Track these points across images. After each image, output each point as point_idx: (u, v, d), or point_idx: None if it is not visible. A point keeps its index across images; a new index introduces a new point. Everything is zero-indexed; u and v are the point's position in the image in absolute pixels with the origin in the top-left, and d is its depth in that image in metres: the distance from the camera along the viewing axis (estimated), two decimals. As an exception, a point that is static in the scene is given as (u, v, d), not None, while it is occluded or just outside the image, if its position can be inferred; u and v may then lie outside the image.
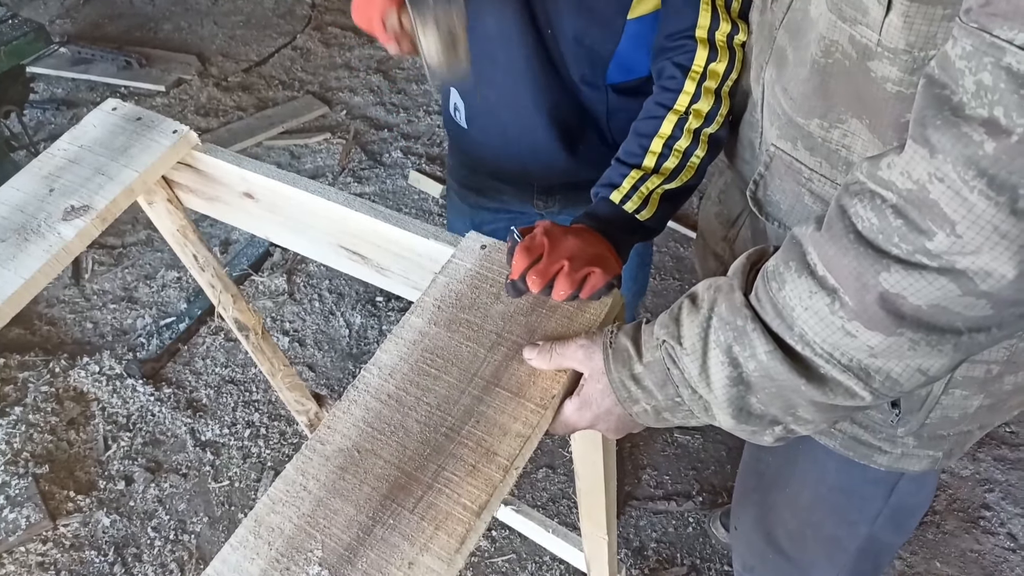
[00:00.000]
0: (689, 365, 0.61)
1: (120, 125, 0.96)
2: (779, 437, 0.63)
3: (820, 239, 0.55)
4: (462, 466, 0.62)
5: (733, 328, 0.59)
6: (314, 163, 2.80)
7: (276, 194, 0.91)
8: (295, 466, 0.64)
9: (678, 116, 0.92)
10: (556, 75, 1.12)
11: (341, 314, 2.32)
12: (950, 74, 0.48)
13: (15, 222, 0.87)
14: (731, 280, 0.61)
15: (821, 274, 0.54)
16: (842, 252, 0.53)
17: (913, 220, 0.49)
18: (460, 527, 0.59)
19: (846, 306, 0.53)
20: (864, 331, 0.53)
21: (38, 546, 1.86)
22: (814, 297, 0.54)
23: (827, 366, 0.56)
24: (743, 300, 0.59)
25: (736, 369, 0.59)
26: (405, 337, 0.72)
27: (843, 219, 0.53)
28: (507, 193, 1.31)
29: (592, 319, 0.72)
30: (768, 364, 0.57)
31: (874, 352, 0.54)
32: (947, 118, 0.47)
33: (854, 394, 0.56)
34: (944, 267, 0.49)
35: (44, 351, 2.24)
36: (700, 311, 0.61)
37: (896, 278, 0.50)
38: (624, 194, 0.91)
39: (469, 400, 0.67)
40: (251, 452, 2.02)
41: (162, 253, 2.49)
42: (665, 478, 1.93)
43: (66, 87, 3.12)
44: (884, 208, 0.51)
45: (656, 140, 0.93)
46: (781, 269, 0.57)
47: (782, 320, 0.57)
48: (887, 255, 0.51)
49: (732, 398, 0.60)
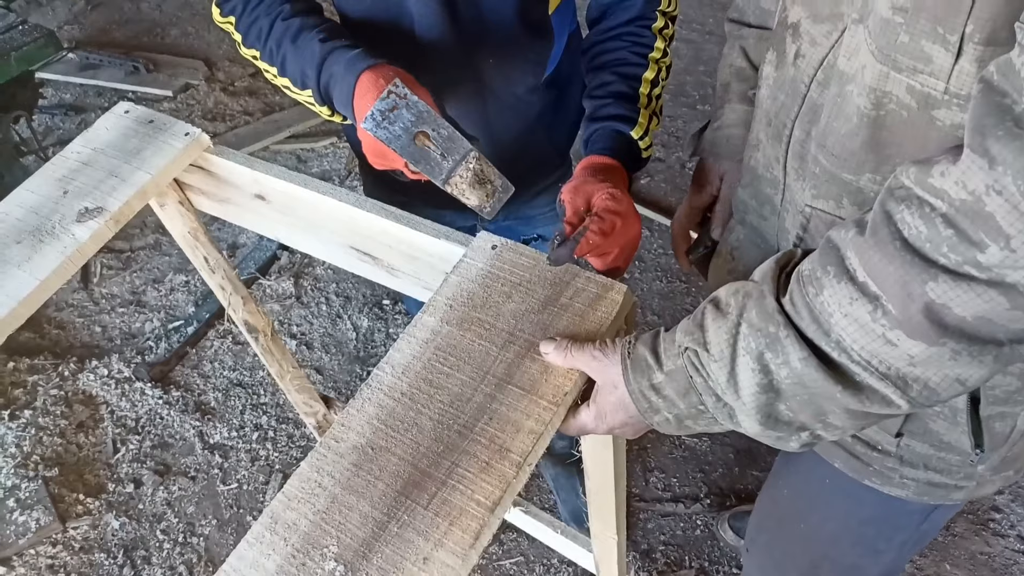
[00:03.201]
0: (716, 372, 0.60)
1: (132, 128, 0.97)
2: (804, 443, 0.62)
3: (863, 244, 0.54)
4: (475, 463, 0.63)
5: (765, 335, 0.57)
6: (321, 167, 2.81)
7: (288, 195, 0.92)
8: (310, 463, 0.64)
9: (656, 64, 1.02)
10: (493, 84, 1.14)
11: (348, 317, 2.33)
12: (1013, 82, 0.46)
13: (30, 224, 0.88)
14: (761, 286, 0.60)
15: (862, 280, 0.53)
16: (887, 259, 0.52)
17: (964, 231, 0.48)
18: (474, 523, 0.59)
19: (889, 314, 0.52)
20: (906, 340, 0.52)
21: (48, 548, 1.86)
22: (855, 304, 0.54)
23: (864, 373, 0.55)
24: (775, 306, 0.58)
25: (767, 376, 0.58)
26: (418, 336, 0.73)
27: (889, 225, 0.52)
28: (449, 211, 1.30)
29: (604, 316, 0.72)
30: (802, 371, 0.56)
31: (914, 361, 0.53)
32: (1009, 129, 0.46)
33: (890, 402, 0.56)
34: (994, 280, 0.48)
35: (53, 355, 2.25)
36: (728, 317, 0.60)
37: (943, 288, 0.50)
38: (643, 130, 0.98)
39: (482, 397, 0.67)
40: (259, 455, 2.03)
41: (170, 257, 2.51)
42: (673, 480, 1.93)
43: (74, 92, 3.14)
44: (934, 217, 0.50)
45: (644, 84, 1.00)
46: (819, 274, 0.56)
47: (819, 326, 0.56)
48: (935, 264, 0.50)
49: (761, 405, 0.59)
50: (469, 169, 0.73)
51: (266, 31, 0.96)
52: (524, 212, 1.32)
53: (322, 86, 0.92)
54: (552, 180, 1.31)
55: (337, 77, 0.89)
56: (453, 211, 1.27)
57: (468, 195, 0.73)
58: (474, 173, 0.73)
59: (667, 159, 2.71)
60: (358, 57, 0.88)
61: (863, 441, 0.83)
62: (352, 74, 0.86)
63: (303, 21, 0.95)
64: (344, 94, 0.88)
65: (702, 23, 3.20)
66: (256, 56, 1.00)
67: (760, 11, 0.93)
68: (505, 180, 0.75)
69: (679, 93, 2.93)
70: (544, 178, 1.29)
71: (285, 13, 0.96)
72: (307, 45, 0.93)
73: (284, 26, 0.95)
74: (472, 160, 0.73)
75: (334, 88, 0.90)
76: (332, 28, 0.95)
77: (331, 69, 0.90)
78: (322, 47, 0.91)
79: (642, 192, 2.61)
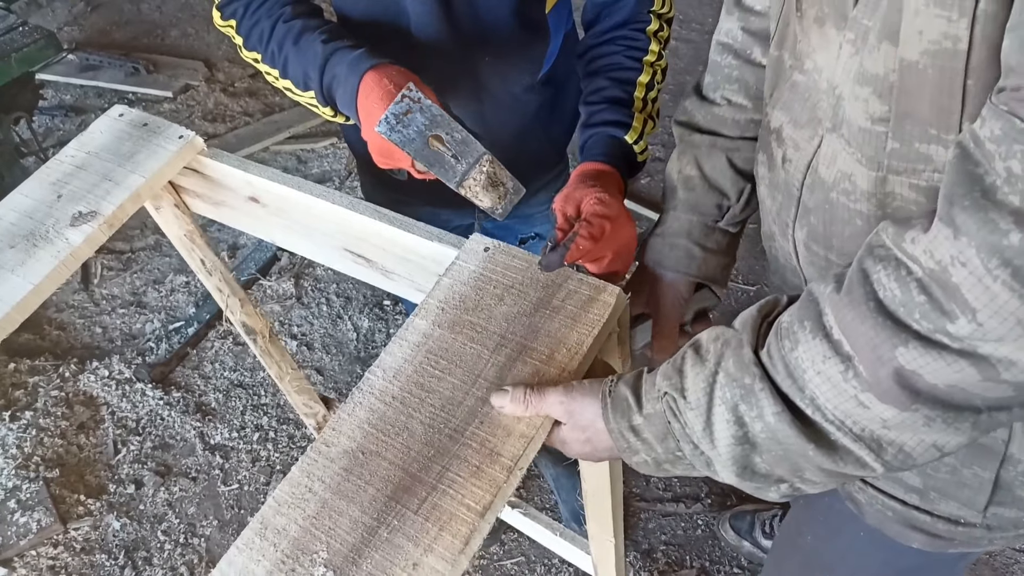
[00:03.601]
0: (692, 420, 0.59)
1: (127, 131, 0.97)
2: (785, 495, 0.61)
3: (839, 302, 0.53)
4: (466, 467, 0.63)
5: (740, 386, 0.56)
6: (321, 168, 2.81)
7: (281, 198, 0.91)
8: (300, 468, 0.64)
9: (651, 67, 1.01)
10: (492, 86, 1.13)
11: (349, 318, 2.33)
12: (984, 152, 0.46)
13: (24, 228, 0.88)
14: (740, 335, 0.59)
15: (837, 338, 0.52)
16: (860, 319, 0.51)
17: (937, 299, 0.47)
18: (464, 528, 0.59)
19: (860, 376, 0.51)
20: (877, 403, 0.51)
21: (49, 549, 1.87)
22: (828, 362, 0.52)
23: (838, 433, 0.54)
24: (752, 357, 0.57)
25: (742, 428, 0.56)
26: (409, 339, 0.73)
27: (865, 285, 0.51)
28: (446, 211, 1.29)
29: (596, 318, 0.72)
30: (775, 427, 0.55)
31: (887, 424, 0.52)
32: (976, 200, 0.45)
33: (865, 465, 0.54)
34: (965, 350, 0.47)
35: (54, 356, 2.25)
36: (706, 365, 0.59)
37: (914, 355, 0.48)
38: (638, 135, 0.98)
39: (473, 401, 0.67)
40: (260, 455, 2.03)
41: (170, 258, 2.51)
42: (674, 480, 1.92)
43: (74, 93, 3.14)
44: (909, 281, 0.49)
45: (639, 87, 1.00)
46: (795, 328, 0.55)
47: (793, 381, 0.54)
48: (907, 329, 0.49)
49: (737, 457, 0.57)
50: (483, 172, 0.74)
51: (267, 34, 0.96)
52: (522, 211, 1.32)
53: (325, 87, 0.92)
54: (550, 178, 1.31)
55: (340, 78, 0.89)
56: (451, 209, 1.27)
57: (481, 197, 0.74)
58: (487, 176, 0.74)
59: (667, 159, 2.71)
60: (361, 57, 0.88)
61: (943, 518, 0.78)
62: (355, 75, 0.86)
63: (304, 23, 0.95)
64: (348, 95, 0.88)
65: (701, 23, 3.19)
66: (258, 59, 1.00)
67: (711, 116, 0.89)
68: (516, 182, 0.75)
69: (679, 93, 2.93)
70: (542, 176, 1.29)
71: (286, 15, 0.96)
72: (309, 46, 0.92)
73: (285, 28, 0.95)
74: (485, 163, 0.73)
75: (337, 89, 0.90)
76: (334, 29, 0.95)
77: (334, 70, 0.90)
78: (324, 48, 0.91)
79: (643, 192, 2.60)
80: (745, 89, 0.87)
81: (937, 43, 0.51)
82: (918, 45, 0.52)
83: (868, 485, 0.81)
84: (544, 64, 1.14)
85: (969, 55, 0.50)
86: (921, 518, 0.78)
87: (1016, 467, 0.70)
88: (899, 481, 0.78)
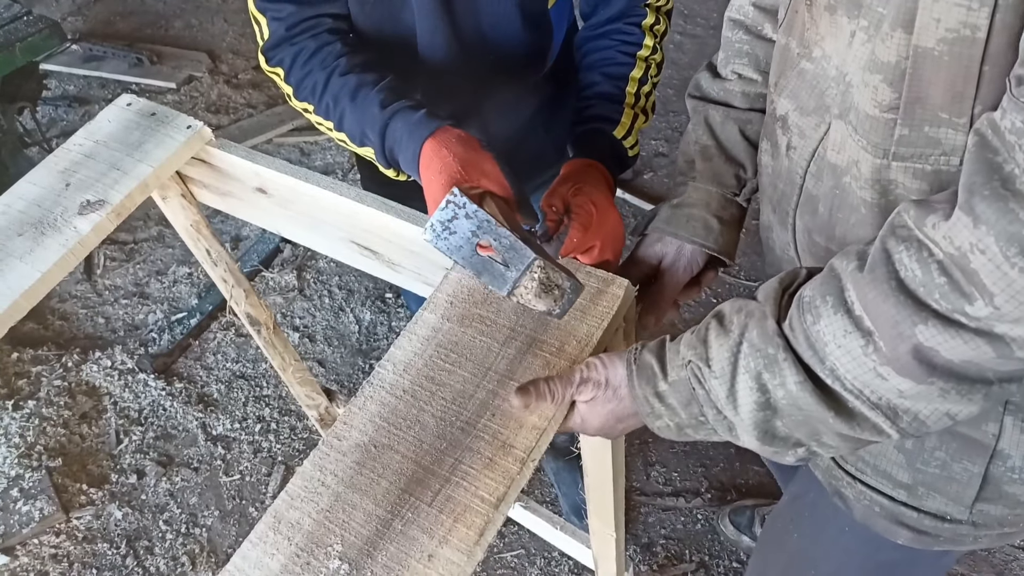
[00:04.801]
0: (717, 388, 0.61)
1: (135, 120, 0.96)
2: (801, 458, 0.63)
3: (861, 280, 0.55)
4: (479, 459, 0.63)
5: (764, 356, 0.58)
6: (324, 160, 2.80)
7: (289, 189, 0.91)
8: (313, 462, 0.64)
9: (644, 62, 1.00)
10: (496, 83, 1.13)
11: (351, 310, 2.33)
12: (1004, 142, 0.47)
13: (32, 216, 0.88)
14: (763, 306, 0.61)
15: (858, 314, 0.54)
16: (882, 297, 0.53)
17: (957, 281, 0.49)
18: (479, 519, 0.59)
19: (880, 350, 0.53)
20: (895, 376, 0.53)
21: (51, 538, 1.87)
22: (848, 336, 0.55)
23: (856, 402, 0.56)
24: (775, 328, 0.59)
25: (764, 395, 0.59)
26: (419, 333, 0.73)
27: (887, 264, 0.53)
28: None
29: (605, 311, 0.72)
30: (797, 394, 0.57)
31: (904, 395, 0.54)
32: (995, 189, 0.47)
33: (881, 431, 0.57)
34: (982, 330, 0.49)
35: (57, 346, 2.25)
36: (730, 335, 0.61)
37: (932, 332, 0.51)
38: (626, 130, 0.97)
39: (484, 394, 0.67)
40: (262, 447, 2.03)
41: (173, 249, 2.50)
42: (674, 475, 1.93)
43: (78, 84, 3.13)
44: (930, 262, 0.51)
45: (631, 83, 1.00)
46: (817, 303, 0.57)
47: (814, 353, 0.57)
48: (926, 308, 0.51)
49: (758, 422, 0.60)
50: (534, 279, 0.69)
51: (321, 86, 0.93)
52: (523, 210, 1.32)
53: (387, 151, 0.89)
54: (550, 175, 1.30)
55: (402, 144, 0.86)
56: None
57: (534, 304, 0.70)
58: (539, 283, 0.69)
59: (670, 154, 2.70)
60: (420, 122, 0.85)
61: (929, 514, 0.80)
62: (416, 142, 0.84)
63: (360, 78, 0.92)
64: (410, 162, 0.86)
65: (706, 18, 3.18)
66: (309, 110, 0.97)
67: (722, 90, 0.91)
68: (575, 280, 0.71)
69: (683, 88, 2.92)
70: (542, 173, 1.29)
71: (341, 68, 0.92)
72: (367, 107, 0.89)
73: (341, 82, 0.92)
74: (536, 269, 0.69)
75: (400, 154, 0.87)
76: (390, 86, 0.91)
77: (394, 135, 0.87)
78: (382, 113, 0.87)
79: (644, 187, 2.60)
80: (755, 63, 0.88)
81: (955, 31, 0.52)
82: (935, 33, 0.53)
83: (856, 481, 0.82)
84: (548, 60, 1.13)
85: (987, 43, 0.51)
86: (908, 514, 0.80)
87: (1005, 462, 0.72)
88: (888, 477, 0.79)
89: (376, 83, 0.91)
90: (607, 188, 0.90)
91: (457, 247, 0.69)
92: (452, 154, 0.80)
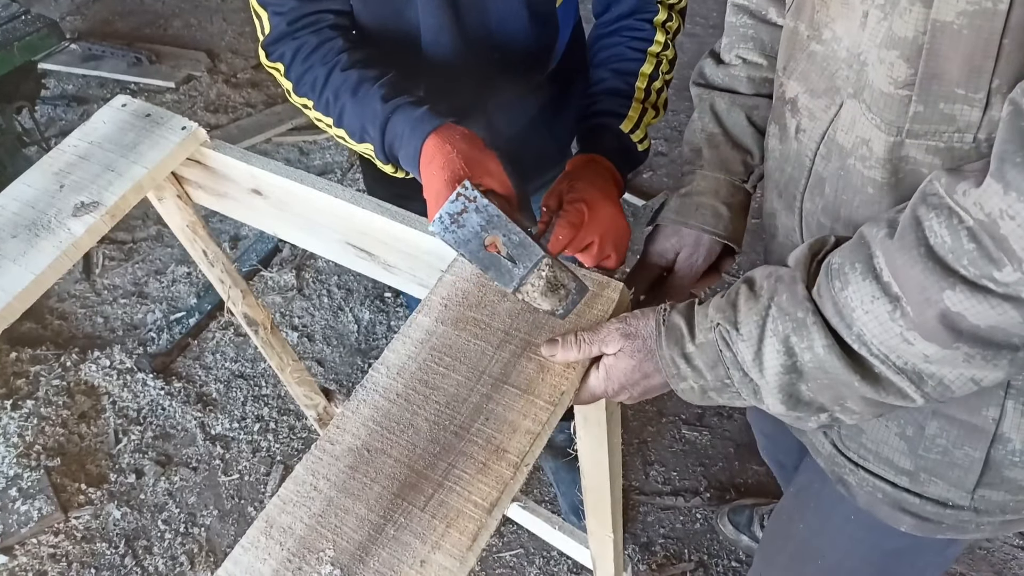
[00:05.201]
0: (744, 350, 0.62)
1: (130, 122, 0.96)
2: (822, 424, 0.64)
3: (890, 247, 0.55)
4: (472, 464, 0.62)
5: (793, 319, 0.59)
6: (323, 159, 2.80)
7: (284, 191, 0.91)
8: (305, 466, 0.64)
9: (655, 58, 1.00)
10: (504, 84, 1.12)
11: (350, 310, 2.32)
12: None
13: (26, 218, 0.88)
14: (793, 272, 0.62)
15: (886, 280, 0.55)
16: (911, 263, 0.53)
17: (986, 247, 0.50)
18: (472, 524, 0.59)
19: (907, 316, 0.54)
20: (921, 341, 0.54)
21: (50, 538, 1.87)
22: (876, 302, 0.55)
23: (882, 367, 0.57)
24: (805, 293, 0.60)
25: (791, 358, 0.60)
26: (413, 336, 0.72)
27: (916, 230, 0.54)
28: None
29: (600, 314, 0.72)
30: (824, 357, 0.58)
31: (929, 360, 0.55)
32: None
33: (906, 395, 0.57)
34: (1010, 295, 0.50)
35: (55, 345, 2.25)
36: (760, 299, 0.62)
37: (960, 297, 0.51)
38: (634, 123, 0.96)
39: (478, 398, 0.67)
40: (260, 446, 2.03)
41: (172, 248, 2.50)
42: (673, 474, 1.93)
43: (77, 83, 3.13)
44: (959, 229, 0.51)
45: (640, 78, 0.99)
46: (846, 269, 0.58)
47: (841, 318, 0.57)
48: (955, 274, 0.51)
49: (783, 385, 0.61)
50: (541, 277, 0.69)
51: (322, 82, 0.92)
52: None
53: (387, 146, 0.89)
54: (552, 176, 1.30)
55: (403, 139, 0.85)
56: None
57: (539, 302, 0.70)
58: (546, 281, 0.69)
59: (669, 153, 2.70)
60: (423, 118, 0.84)
61: (932, 500, 0.80)
62: (417, 137, 0.83)
63: (361, 74, 0.91)
64: (410, 157, 0.85)
65: (705, 17, 3.17)
66: (308, 105, 0.96)
67: (727, 77, 0.91)
68: (580, 281, 0.71)
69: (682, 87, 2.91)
70: (544, 173, 1.28)
71: (343, 63, 0.92)
72: (368, 102, 0.88)
73: (342, 77, 0.91)
74: (544, 267, 0.69)
75: (400, 150, 0.87)
76: (392, 82, 0.91)
77: (395, 130, 0.86)
78: (384, 107, 0.87)
79: (644, 186, 2.60)
80: (760, 47, 0.88)
81: (976, 3, 0.53)
82: (955, 6, 0.54)
83: (859, 467, 0.83)
84: (552, 59, 1.13)
85: (1009, 15, 0.52)
86: (911, 500, 0.80)
87: (1006, 446, 0.73)
88: (890, 463, 0.80)
89: (377, 79, 0.91)
90: (606, 183, 0.89)
91: (465, 241, 0.69)
92: (455, 150, 0.79)
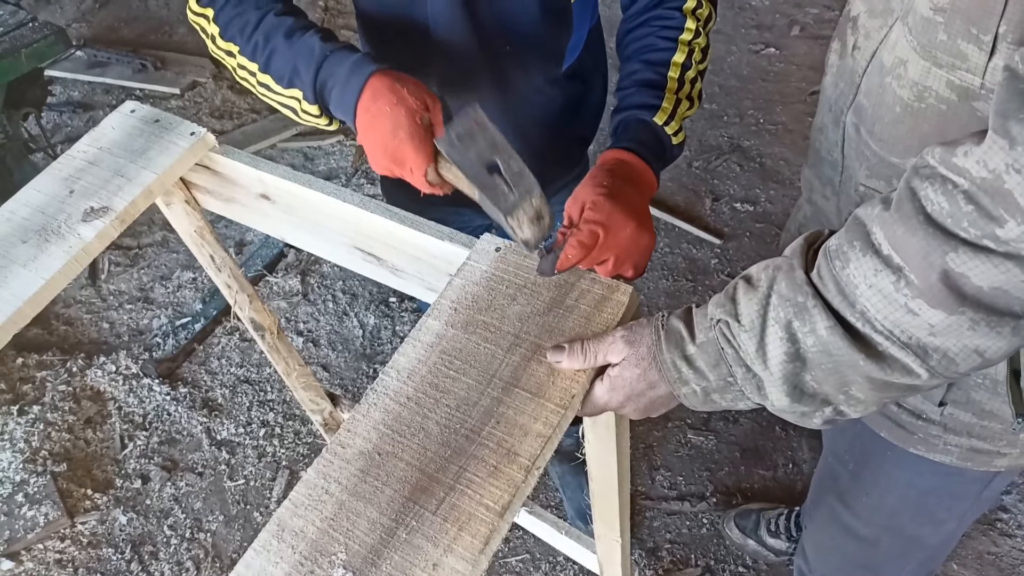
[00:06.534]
0: (746, 342, 0.62)
1: (138, 127, 0.97)
2: (827, 419, 0.64)
3: (888, 219, 0.56)
4: (483, 467, 0.62)
5: (793, 304, 0.60)
6: (327, 165, 2.81)
7: (292, 195, 0.91)
8: (316, 470, 0.64)
9: (687, 46, 0.97)
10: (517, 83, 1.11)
11: (355, 315, 2.33)
12: None
13: (36, 223, 0.88)
14: (790, 260, 0.63)
15: (887, 253, 0.56)
16: (910, 232, 0.54)
17: (985, 207, 0.51)
18: (484, 528, 0.59)
19: (911, 284, 0.54)
20: (927, 309, 0.54)
21: (56, 543, 1.88)
22: (879, 275, 0.56)
23: (886, 343, 0.57)
24: (804, 278, 0.60)
25: (794, 345, 0.60)
26: (422, 340, 0.72)
27: (913, 201, 0.55)
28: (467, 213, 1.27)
29: (610, 318, 0.72)
30: (828, 339, 0.58)
31: (934, 331, 0.55)
32: None
33: (911, 371, 0.57)
34: (1011, 252, 0.50)
35: (61, 351, 2.26)
36: (759, 289, 0.62)
37: (962, 259, 0.52)
38: (668, 115, 0.94)
39: (488, 401, 0.67)
40: (266, 451, 2.03)
41: (178, 254, 2.51)
42: (679, 479, 1.92)
43: (82, 90, 3.14)
44: (956, 193, 0.52)
45: (672, 67, 0.97)
46: (845, 248, 0.58)
47: (844, 298, 0.58)
48: (955, 237, 0.52)
49: (788, 375, 0.61)
50: (532, 206, 0.72)
51: (253, 24, 0.93)
52: None
53: (318, 85, 0.89)
54: (570, 178, 1.29)
55: (339, 78, 0.86)
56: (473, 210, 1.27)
57: (525, 229, 0.73)
58: (536, 210, 0.73)
59: (674, 156, 2.70)
60: (364, 60, 0.86)
61: (908, 410, 0.86)
62: (359, 76, 0.84)
63: (296, 21, 0.93)
64: (347, 96, 0.86)
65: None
66: (234, 51, 0.96)
67: None
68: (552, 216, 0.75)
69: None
70: (561, 175, 1.28)
71: (278, 10, 0.94)
72: (303, 42, 0.90)
73: (277, 21, 0.92)
74: (536, 197, 0.72)
75: (333, 88, 0.87)
76: (328, 33, 0.93)
77: (332, 69, 0.87)
78: (323, 46, 0.89)
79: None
80: None
81: None
82: None
83: None
84: (567, 56, 1.12)
85: None
86: (890, 407, 0.85)
87: None
88: None
89: (312, 28, 0.92)
90: (635, 193, 0.87)
91: (469, 160, 0.71)
92: (407, 90, 0.81)
